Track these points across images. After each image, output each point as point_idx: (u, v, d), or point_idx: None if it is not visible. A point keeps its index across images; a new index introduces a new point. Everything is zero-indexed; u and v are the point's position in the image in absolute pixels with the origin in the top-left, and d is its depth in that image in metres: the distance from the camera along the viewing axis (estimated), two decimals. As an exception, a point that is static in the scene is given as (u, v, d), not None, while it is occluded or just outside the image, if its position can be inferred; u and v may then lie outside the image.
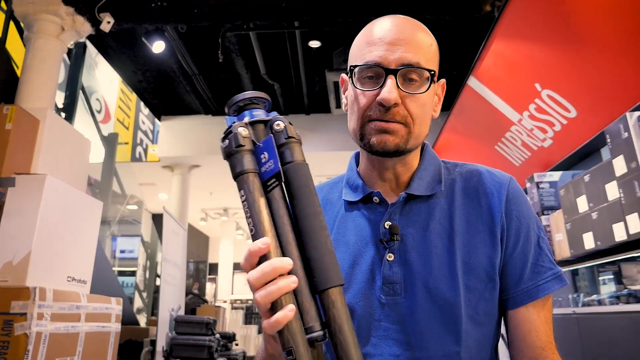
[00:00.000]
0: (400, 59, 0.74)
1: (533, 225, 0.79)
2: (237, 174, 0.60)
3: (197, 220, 11.03)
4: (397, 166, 0.81)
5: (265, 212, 0.59)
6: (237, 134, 0.60)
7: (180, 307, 4.01)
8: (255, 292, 0.55)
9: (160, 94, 6.29)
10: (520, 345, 0.76)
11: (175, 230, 4.10)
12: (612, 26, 2.61)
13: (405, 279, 0.75)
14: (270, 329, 0.54)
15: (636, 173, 2.50)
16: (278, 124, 0.62)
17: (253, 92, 0.65)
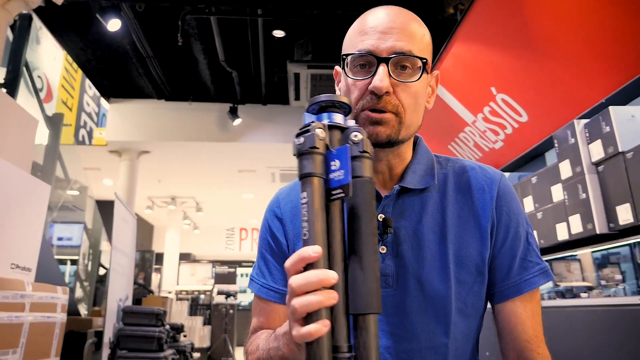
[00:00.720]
0: (392, 48, 0.74)
1: (522, 221, 0.81)
2: (305, 174, 0.58)
3: (143, 208, 10.67)
4: (390, 158, 0.81)
5: (322, 220, 0.57)
6: (314, 135, 0.58)
7: (128, 297, 3.88)
8: (294, 299, 0.53)
9: (111, 74, 6.00)
10: (507, 338, 0.78)
11: (125, 218, 3.95)
12: (566, 38, 2.76)
13: (398, 271, 0.76)
14: (300, 338, 0.52)
15: (580, 177, 2.67)
16: (356, 135, 0.61)
17: (337, 95, 0.64)
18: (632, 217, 2.35)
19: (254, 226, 13.94)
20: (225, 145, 6.79)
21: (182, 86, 6.31)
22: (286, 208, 0.89)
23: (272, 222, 0.90)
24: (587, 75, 2.80)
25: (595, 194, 2.60)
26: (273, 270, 0.86)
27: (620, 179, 2.43)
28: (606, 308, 2.39)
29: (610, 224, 2.51)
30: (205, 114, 6.69)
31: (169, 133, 6.69)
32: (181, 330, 4.46)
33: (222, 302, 8.75)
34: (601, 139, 2.54)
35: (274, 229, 0.89)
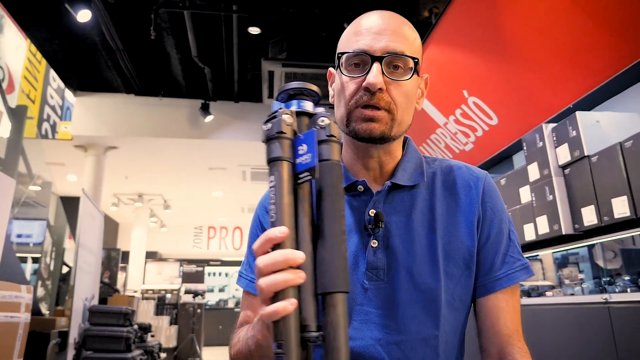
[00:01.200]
0: (386, 47, 0.77)
1: (505, 218, 0.84)
2: (272, 158, 0.59)
3: (108, 205, 10.39)
4: (381, 155, 0.83)
5: (289, 203, 0.58)
6: (281, 120, 0.59)
7: (94, 296, 3.77)
8: (261, 278, 0.54)
9: (78, 67, 5.81)
10: (488, 333, 0.80)
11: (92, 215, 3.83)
12: (536, 45, 2.85)
13: (389, 264, 0.78)
14: (267, 317, 0.53)
15: (548, 179, 2.76)
16: (323, 120, 0.62)
17: (305, 83, 0.65)
18: (596, 219, 2.44)
19: (223, 224, 13.79)
20: (196, 142, 6.69)
21: (153, 81, 6.17)
22: None
23: (262, 217, 0.91)
24: (555, 81, 2.90)
25: (562, 196, 2.70)
26: None
27: (585, 182, 2.53)
28: (570, 306, 2.49)
29: (575, 225, 2.61)
30: (176, 110, 6.57)
31: (138, 128, 6.53)
32: (149, 330, 4.37)
33: (190, 301, 8.62)
34: (568, 142, 2.64)
35: (264, 223, 0.90)
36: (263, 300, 0.55)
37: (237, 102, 6.57)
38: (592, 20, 2.44)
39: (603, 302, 2.26)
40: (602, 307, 2.24)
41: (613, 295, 2.24)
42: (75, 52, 5.39)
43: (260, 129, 0.62)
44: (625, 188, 2.27)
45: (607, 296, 2.25)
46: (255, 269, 0.59)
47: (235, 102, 6.57)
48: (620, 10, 2.29)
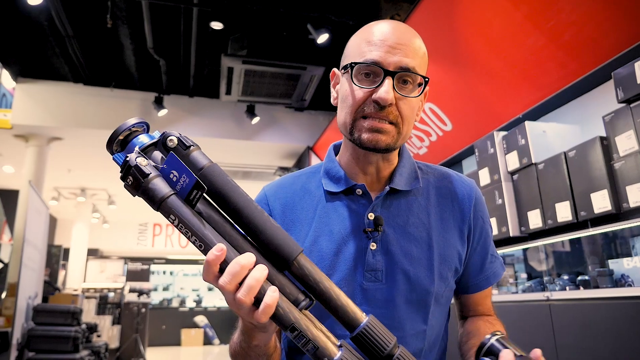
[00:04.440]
0: (399, 63, 0.78)
1: (489, 223, 0.94)
2: (158, 201, 0.57)
3: (47, 200, 9.84)
4: (380, 162, 0.87)
5: (202, 224, 0.58)
6: (138, 165, 0.58)
7: (37, 294, 3.57)
8: (235, 294, 0.56)
9: (21, 52, 5.47)
10: (470, 314, 0.95)
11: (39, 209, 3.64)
12: (491, 57, 3.01)
13: (387, 267, 0.82)
14: (265, 316, 0.55)
15: (497, 184, 2.92)
16: (171, 139, 0.61)
17: (127, 121, 0.63)
18: (541, 222, 2.62)
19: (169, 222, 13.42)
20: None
21: (104, 71, 5.91)
22: (275, 205, 0.90)
23: None
24: (507, 92, 3.08)
25: (510, 200, 2.87)
26: None
27: (532, 188, 2.70)
28: (514, 304, 2.65)
29: (522, 227, 2.78)
30: (127, 102, 6.33)
31: (86, 119, 6.23)
32: (95, 329, 4.21)
33: (134, 300, 8.35)
34: (517, 150, 2.81)
35: None
36: (246, 311, 0.57)
37: (192, 97, 6.43)
38: (544, 37, 2.61)
39: (544, 299, 2.43)
40: (544, 305, 2.40)
41: (554, 293, 2.41)
42: (19, 35, 5.07)
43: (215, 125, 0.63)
44: (568, 194, 2.45)
45: (548, 294, 2.42)
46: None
47: (190, 96, 6.42)
48: (569, 29, 2.47)
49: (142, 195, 0.58)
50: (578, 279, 2.40)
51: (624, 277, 2.14)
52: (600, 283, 2.24)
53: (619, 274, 2.19)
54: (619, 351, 1.92)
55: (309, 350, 0.57)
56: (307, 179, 0.93)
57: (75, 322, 3.19)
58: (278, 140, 6.72)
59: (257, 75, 5.03)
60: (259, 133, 6.52)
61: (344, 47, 0.88)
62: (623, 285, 2.12)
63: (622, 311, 1.96)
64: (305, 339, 0.56)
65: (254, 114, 6.21)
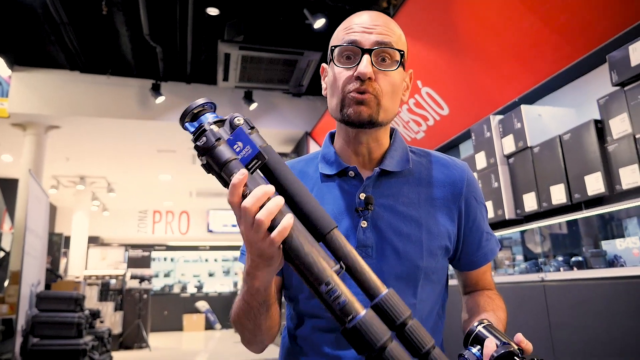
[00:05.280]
0: (375, 40, 0.85)
1: (483, 204, 0.97)
2: (224, 162, 0.65)
3: (47, 188, 9.86)
4: (370, 141, 0.91)
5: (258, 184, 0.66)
6: (212, 130, 0.66)
7: (40, 282, 3.62)
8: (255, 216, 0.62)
9: (16, 40, 5.44)
10: (471, 288, 1.01)
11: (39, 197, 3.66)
12: (487, 41, 3.01)
13: (377, 243, 0.86)
14: (280, 236, 0.62)
15: (493, 167, 2.95)
16: (239, 119, 0.69)
17: (203, 99, 0.72)
18: (536, 205, 2.66)
19: (169, 209, 13.47)
20: (145, 123, 6.46)
21: (100, 58, 5.88)
22: None
23: None
24: (503, 76, 3.09)
25: (506, 184, 2.90)
26: None
27: (527, 171, 2.73)
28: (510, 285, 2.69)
29: (517, 210, 2.82)
30: (124, 90, 6.31)
31: (83, 107, 6.22)
32: (97, 315, 4.27)
33: (136, 286, 8.44)
34: (513, 134, 2.83)
35: None
36: (262, 235, 0.63)
37: (190, 83, 6.41)
38: (538, 21, 2.62)
39: (539, 280, 2.47)
40: (539, 285, 2.45)
41: (548, 274, 2.45)
42: (13, 23, 5.04)
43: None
44: (562, 177, 2.48)
45: (542, 275, 2.46)
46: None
47: (188, 83, 6.41)
48: (563, 13, 2.47)
49: (209, 156, 0.66)
50: (572, 260, 2.44)
51: (617, 258, 2.18)
52: (593, 264, 2.28)
53: (612, 255, 2.24)
54: (612, 330, 1.97)
55: (339, 304, 0.62)
56: (305, 164, 0.98)
57: (78, 308, 3.24)
58: (276, 126, 6.73)
59: (254, 61, 5.02)
60: (257, 119, 6.52)
61: None
62: (616, 266, 2.16)
63: (615, 291, 2.00)
64: (337, 293, 0.62)
65: (251, 100, 6.20)
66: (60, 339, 3.08)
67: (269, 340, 0.87)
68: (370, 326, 0.61)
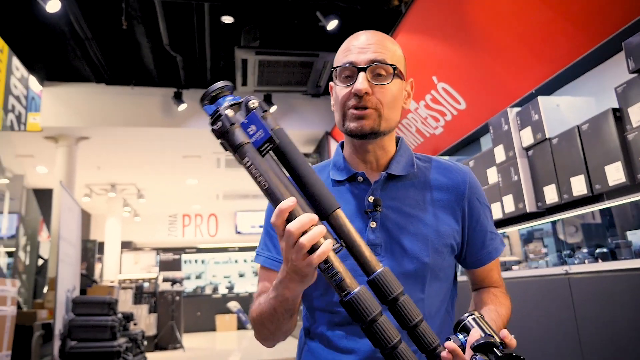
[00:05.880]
0: (369, 58, 0.91)
1: (486, 205, 1.03)
2: (237, 146, 0.71)
3: (80, 196, 10.22)
4: (376, 150, 0.97)
5: (270, 170, 0.72)
6: (227, 115, 0.72)
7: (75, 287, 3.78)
8: (300, 239, 0.68)
9: (46, 57, 5.68)
10: (479, 285, 1.05)
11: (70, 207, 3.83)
12: (501, 33, 2.99)
13: (386, 242, 0.92)
14: (318, 259, 0.69)
15: (512, 160, 2.92)
16: (253, 102, 0.74)
17: (221, 82, 0.77)
18: (557, 197, 2.62)
19: (198, 212, 13.74)
20: (170, 130, 6.65)
21: (124, 70, 6.08)
22: None
23: None
24: (519, 68, 3.06)
25: (526, 176, 2.87)
26: (277, 245, 1.00)
27: (547, 163, 2.69)
28: (534, 279, 2.67)
29: (538, 203, 2.79)
30: (148, 99, 6.50)
31: (110, 118, 6.44)
32: (131, 318, 4.43)
33: (168, 289, 8.66)
34: (531, 126, 2.79)
35: None
36: (302, 256, 0.69)
37: (210, 89, 6.55)
38: (551, 11, 2.58)
39: (564, 273, 2.44)
40: (563, 278, 2.42)
41: (572, 267, 2.41)
42: (42, 41, 5.26)
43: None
44: (582, 168, 2.44)
45: (567, 268, 2.43)
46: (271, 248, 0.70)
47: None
48: (576, 1, 2.44)
49: (224, 139, 0.72)
50: (596, 251, 2.39)
51: (643, 248, 2.14)
52: (619, 255, 2.24)
53: (637, 245, 2.19)
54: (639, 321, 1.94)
55: (335, 281, 0.70)
56: (318, 172, 1.04)
57: (112, 311, 3.38)
58: (297, 127, 6.80)
59: (271, 65, 5.09)
60: (277, 121, 6.56)
61: (355, 32, 0.99)
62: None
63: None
64: (334, 271, 0.69)
65: (271, 103, 6.29)
66: (96, 341, 3.22)
67: (283, 338, 0.94)
68: (363, 301, 0.68)
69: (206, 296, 12.10)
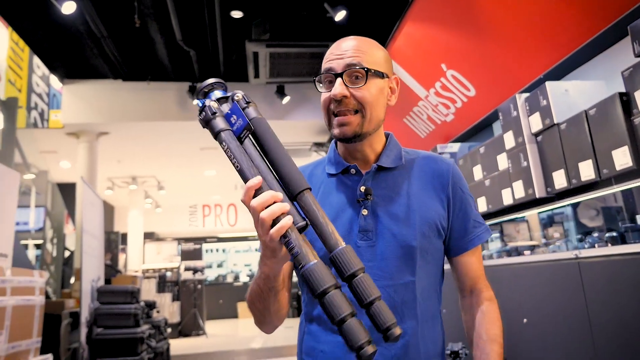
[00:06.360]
0: (344, 64, 0.97)
1: (469, 194, 1.09)
2: (217, 132, 0.80)
3: (103, 190, 10.50)
4: (364, 148, 1.04)
5: (243, 153, 0.80)
6: (210, 106, 0.81)
7: (100, 277, 3.95)
8: (260, 213, 0.75)
9: (64, 56, 5.84)
10: (463, 279, 1.08)
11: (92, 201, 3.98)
12: (508, 19, 2.98)
13: (376, 228, 0.99)
14: (277, 233, 0.74)
15: (522, 147, 2.93)
16: (237, 95, 0.84)
17: (212, 79, 0.86)
18: (565, 182, 2.63)
19: (217, 202, 13.96)
20: (186, 124, 6.78)
21: (139, 66, 6.21)
22: None
23: None
24: (527, 53, 3.05)
25: (535, 162, 2.87)
26: None
27: (555, 148, 2.69)
28: (545, 263, 2.69)
29: (547, 188, 2.79)
30: (164, 93, 6.63)
31: (128, 113, 6.61)
32: (154, 306, 4.59)
33: (190, 277, 8.88)
34: (539, 111, 2.79)
35: None
36: (265, 230, 0.75)
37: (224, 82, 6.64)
38: (557, -5, 2.57)
39: (574, 258, 2.45)
40: (573, 263, 2.43)
41: (582, 251, 2.42)
42: (60, 41, 5.42)
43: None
44: (590, 152, 2.44)
45: (577, 252, 2.44)
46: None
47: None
48: (581, -15, 2.42)
49: (208, 127, 0.81)
50: (606, 235, 2.40)
51: (652, 232, 2.14)
52: (628, 238, 2.25)
53: (646, 229, 2.20)
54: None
55: (293, 255, 0.74)
56: (314, 167, 1.14)
57: (134, 300, 3.53)
58: (310, 117, 6.86)
59: (282, 57, 5.15)
60: (291, 112, 6.68)
61: (363, 22, 1.06)
62: (651, 240, 2.12)
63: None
64: (292, 245, 0.74)
65: (284, 94, 6.35)
66: (120, 328, 3.38)
67: (277, 321, 1.01)
68: (315, 273, 0.72)
69: (227, 284, 12.35)
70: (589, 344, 2.22)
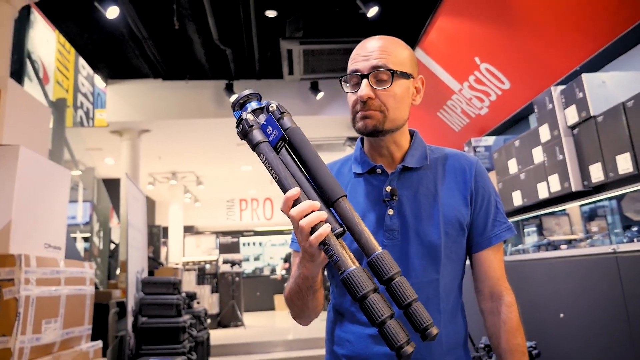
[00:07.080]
0: (370, 65, 0.99)
1: (492, 192, 1.10)
2: (255, 144, 0.83)
3: (145, 185, 10.89)
4: (389, 145, 1.06)
5: (280, 164, 0.83)
6: (247, 119, 0.85)
7: (144, 269, 4.16)
8: (300, 222, 0.79)
9: (108, 57, 6.11)
10: (482, 278, 1.08)
11: (135, 196, 4.18)
12: (543, 10, 2.93)
13: (402, 227, 1.01)
14: (316, 240, 0.78)
15: (557, 140, 2.88)
16: (272, 106, 0.86)
17: (248, 90, 0.90)
18: (603, 175, 2.57)
19: (254, 197, 14.20)
20: (223, 120, 6.96)
21: (178, 65, 6.43)
22: None
23: None
24: (562, 45, 2.99)
25: (571, 155, 2.82)
26: None
27: (592, 141, 2.64)
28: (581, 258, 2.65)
29: (584, 181, 2.74)
30: (202, 92, 6.84)
31: (168, 111, 6.85)
32: (194, 297, 4.78)
33: (228, 270, 9.10)
34: (575, 104, 2.74)
35: None
36: (304, 237, 0.80)
37: (259, 79, 6.76)
38: (593, -15, 2.52)
39: (611, 252, 2.41)
40: (611, 257, 2.39)
41: (620, 245, 2.37)
42: (104, 43, 5.68)
43: (282, 104, 0.92)
44: (628, 145, 2.38)
45: (614, 247, 2.39)
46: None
47: (258, 79, 6.77)
48: (618, -26, 2.37)
49: (245, 139, 0.85)
50: (645, 229, 2.35)
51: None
52: (668, 233, 2.20)
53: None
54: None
55: (333, 260, 0.78)
56: (341, 165, 1.16)
57: (176, 291, 3.70)
58: (344, 112, 6.89)
59: (316, 54, 5.21)
60: (325, 107, 6.75)
61: (395, 17, 1.09)
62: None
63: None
64: (332, 252, 0.78)
65: (318, 90, 6.41)
66: (163, 317, 3.55)
67: (314, 316, 1.06)
68: (355, 279, 0.76)
69: (264, 277, 12.56)
70: (626, 339, 2.19)
